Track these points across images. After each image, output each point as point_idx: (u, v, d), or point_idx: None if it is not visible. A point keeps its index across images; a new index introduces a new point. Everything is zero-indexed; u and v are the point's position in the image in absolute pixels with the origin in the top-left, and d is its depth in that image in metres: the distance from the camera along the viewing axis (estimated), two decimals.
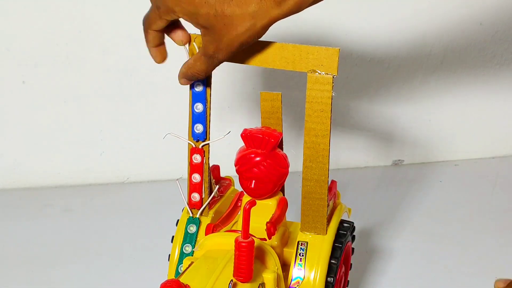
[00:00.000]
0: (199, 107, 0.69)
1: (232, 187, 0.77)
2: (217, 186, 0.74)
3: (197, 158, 0.70)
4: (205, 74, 0.65)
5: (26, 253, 0.91)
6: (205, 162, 0.70)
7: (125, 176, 1.09)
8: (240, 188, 0.71)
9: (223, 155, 0.78)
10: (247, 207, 0.58)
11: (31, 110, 1.05)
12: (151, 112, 1.07)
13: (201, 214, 0.72)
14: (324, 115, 0.64)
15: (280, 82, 1.06)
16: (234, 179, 0.76)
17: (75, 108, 1.05)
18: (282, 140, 0.71)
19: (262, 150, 0.68)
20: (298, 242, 0.68)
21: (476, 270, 0.87)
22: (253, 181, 0.68)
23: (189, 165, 0.71)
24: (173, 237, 0.72)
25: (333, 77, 0.63)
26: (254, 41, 0.62)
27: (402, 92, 1.11)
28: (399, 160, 1.15)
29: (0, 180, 1.07)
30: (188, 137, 0.70)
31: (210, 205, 0.73)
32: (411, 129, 1.13)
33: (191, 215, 0.72)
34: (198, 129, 0.69)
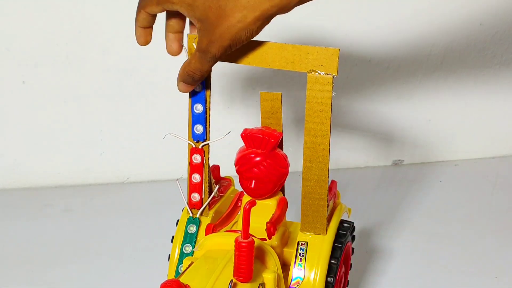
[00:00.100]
0: (198, 108, 0.69)
1: (232, 187, 0.77)
2: (217, 186, 0.74)
3: (197, 158, 0.70)
4: (200, 72, 0.64)
5: (26, 253, 0.91)
6: (205, 162, 0.70)
7: (125, 176, 1.09)
8: (240, 188, 0.71)
9: (223, 155, 0.78)
10: (247, 207, 0.58)
11: (31, 110, 1.05)
12: (151, 112, 1.07)
13: (201, 214, 0.72)
14: (324, 115, 0.64)
15: (280, 82, 1.06)
16: (234, 179, 0.76)
17: (75, 108, 1.05)
18: (282, 140, 0.71)
19: (262, 150, 0.68)
20: (298, 242, 0.68)
21: (476, 270, 0.87)
22: (253, 181, 0.68)
23: (189, 165, 0.71)
24: (173, 237, 0.72)
25: (333, 77, 0.63)
26: (249, 39, 0.61)
27: (402, 92, 1.11)
28: (399, 160, 1.15)
29: (0, 180, 1.07)
30: (188, 138, 0.70)
31: (210, 205, 0.73)
32: (411, 129, 1.13)
33: (191, 215, 0.72)
34: (198, 130, 0.69)
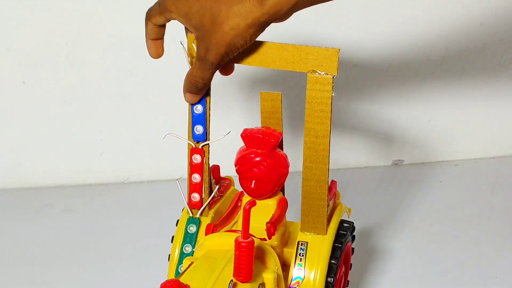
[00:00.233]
0: (198, 109, 0.69)
1: (232, 187, 0.77)
2: (217, 186, 0.74)
3: (197, 158, 0.70)
4: (202, 81, 0.65)
5: (26, 253, 0.91)
6: (205, 162, 0.70)
7: (125, 176, 1.09)
8: (240, 188, 0.71)
9: (223, 155, 0.78)
10: (247, 207, 0.58)
11: (31, 110, 1.05)
12: (151, 112, 1.07)
13: (201, 214, 0.72)
14: (324, 115, 0.64)
15: (280, 82, 1.06)
16: (234, 179, 0.76)
17: (75, 108, 1.05)
18: (282, 140, 0.71)
19: (262, 150, 0.68)
20: (298, 242, 0.68)
21: (476, 270, 0.87)
22: (253, 181, 0.68)
23: (189, 165, 0.71)
24: (173, 237, 0.72)
25: (333, 78, 0.63)
26: (243, 46, 0.62)
27: (402, 92, 1.11)
28: (399, 160, 1.15)
29: (0, 180, 1.07)
30: (188, 139, 0.70)
31: (210, 205, 0.73)
32: (411, 129, 1.13)
33: (191, 215, 0.72)
34: (198, 130, 0.69)
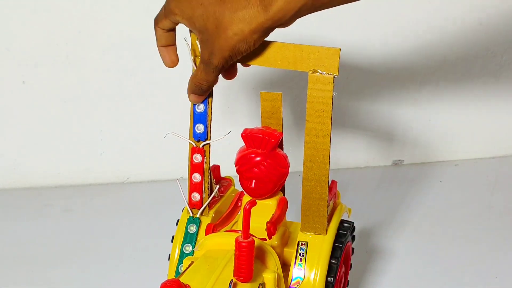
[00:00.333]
0: (200, 107, 0.69)
1: (232, 187, 0.77)
2: (217, 186, 0.74)
3: (197, 158, 0.70)
4: (207, 83, 0.65)
5: (26, 253, 0.91)
6: (205, 161, 0.70)
7: (125, 176, 1.09)
8: (240, 188, 0.71)
9: (223, 155, 0.78)
10: (247, 207, 0.58)
11: (31, 110, 1.05)
12: (151, 112, 1.07)
13: (201, 214, 0.72)
14: (325, 115, 0.64)
15: (280, 82, 1.06)
16: (234, 179, 0.76)
17: (75, 108, 1.05)
18: (282, 140, 0.71)
19: (262, 150, 0.68)
20: (298, 242, 0.68)
21: (476, 270, 0.87)
22: (253, 181, 0.68)
23: (190, 164, 0.71)
24: (173, 237, 0.72)
25: (334, 77, 0.63)
26: (247, 51, 0.62)
27: (402, 92, 1.11)
28: (399, 160, 1.15)
29: (0, 180, 1.07)
30: (189, 137, 0.70)
31: (210, 205, 0.73)
32: (411, 129, 1.13)
33: (191, 215, 0.72)
34: (199, 129, 0.69)
